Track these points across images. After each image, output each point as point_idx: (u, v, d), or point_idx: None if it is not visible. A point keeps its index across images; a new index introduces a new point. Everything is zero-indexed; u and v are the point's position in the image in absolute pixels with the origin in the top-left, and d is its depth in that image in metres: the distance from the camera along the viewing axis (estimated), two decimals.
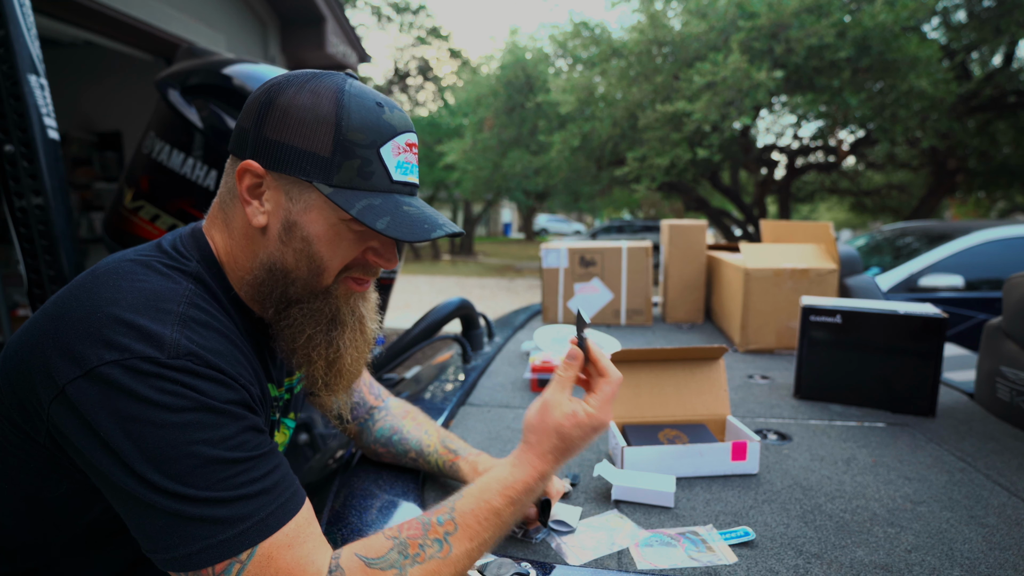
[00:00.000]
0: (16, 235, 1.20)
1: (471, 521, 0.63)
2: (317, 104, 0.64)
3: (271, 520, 0.58)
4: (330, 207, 0.65)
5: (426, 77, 18.23)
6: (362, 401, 1.01)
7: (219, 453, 0.56)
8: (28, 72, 1.08)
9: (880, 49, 6.69)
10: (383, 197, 0.66)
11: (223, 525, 0.55)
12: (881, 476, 1.00)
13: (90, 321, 0.57)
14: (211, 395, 0.58)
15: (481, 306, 1.89)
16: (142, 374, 0.55)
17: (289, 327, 0.70)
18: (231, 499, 0.56)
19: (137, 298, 0.59)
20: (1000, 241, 3.86)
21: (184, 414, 0.56)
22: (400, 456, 0.98)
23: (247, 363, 0.66)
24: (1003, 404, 1.29)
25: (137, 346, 0.56)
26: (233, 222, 0.70)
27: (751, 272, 1.86)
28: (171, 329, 0.58)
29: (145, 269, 0.64)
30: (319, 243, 0.67)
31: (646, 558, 0.76)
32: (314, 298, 0.69)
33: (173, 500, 0.55)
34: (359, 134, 0.64)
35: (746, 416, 1.30)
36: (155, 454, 0.55)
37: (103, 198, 5.10)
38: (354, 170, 0.64)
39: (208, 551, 0.55)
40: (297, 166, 0.64)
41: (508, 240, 30.51)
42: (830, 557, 0.76)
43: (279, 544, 0.58)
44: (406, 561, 0.59)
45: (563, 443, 0.68)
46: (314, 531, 0.61)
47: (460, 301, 1.71)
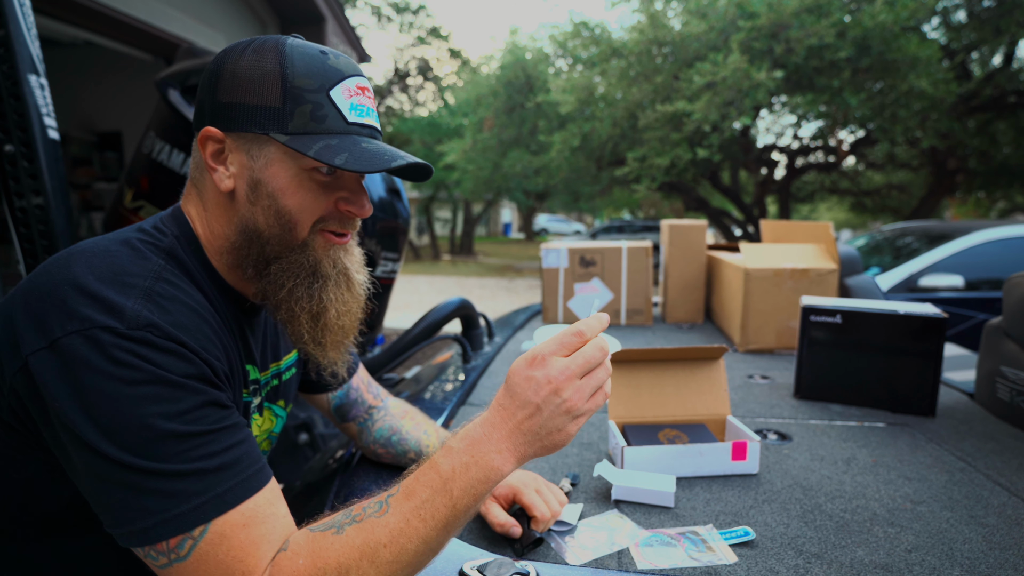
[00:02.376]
0: (16, 235, 1.20)
1: (411, 479, 0.60)
2: (261, 61, 0.65)
3: (228, 496, 0.57)
4: (290, 156, 0.66)
5: (426, 77, 18.22)
6: (360, 400, 1.01)
7: (175, 426, 0.56)
8: (28, 72, 1.08)
9: (880, 49, 6.69)
10: (340, 138, 0.66)
11: (177, 499, 0.55)
12: (881, 476, 1.00)
13: (56, 292, 0.58)
14: (168, 368, 0.57)
15: (481, 306, 1.89)
16: (100, 344, 0.55)
17: (271, 284, 0.70)
18: (186, 472, 0.55)
19: (105, 272, 0.60)
20: (1000, 241, 3.86)
21: (140, 387, 0.55)
22: (400, 457, 0.98)
23: (216, 339, 0.65)
24: (1003, 404, 1.30)
25: (98, 316, 0.56)
26: (206, 194, 0.71)
27: (751, 272, 1.86)
28: (133, 301, 0.58)
29: (119, 246, 0.64)
30: (284, 196, 0.67)
31: (646, 558, 0.76)
32: (291, 252, 0.69)
33: (127, 472, 0.54)
34: (306, 80, 0.65)
35: (746, 416, 1.30)
36: (109, 425, 0.54)
37: (103, 198, 5.10)
38: (307, 115, 0.65)
39: (161, 526, 0.54)
40: (252, 121, 0.65)
41: (508, 240, 30.51)
42: (830, 557, 0.76)
43: (234, 522, 0.56)
44: (346, 521, 0.58)
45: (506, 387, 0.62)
46: (276, 511, 0.60)
47: (460, 301, 1.71)
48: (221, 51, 0.69)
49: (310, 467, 1.36)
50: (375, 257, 1.71)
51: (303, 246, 0.70)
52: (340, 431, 1.07)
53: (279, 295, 0.70)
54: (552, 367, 0.60)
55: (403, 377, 1.78)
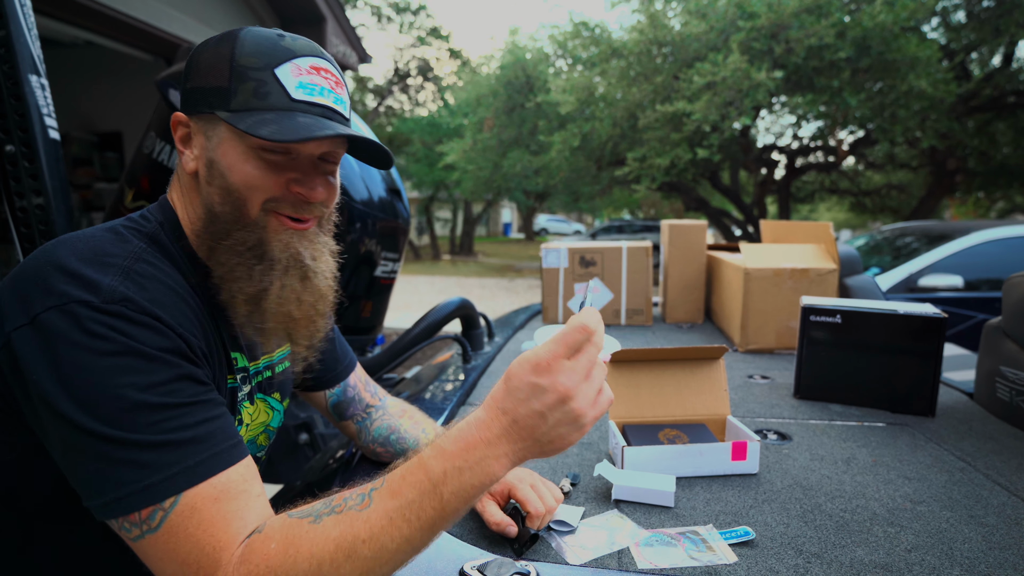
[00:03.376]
0: (17, 235, 1.20)
1: (397, 477, 0.56)
2: (219, 46, 0.68)
3: (200, 469, 0.56)
4: (235, 135, 0.67)
5: (426, 77, 18.22)
6: (358, 399, 1.01)
7: (147, 398, 0.56)
8: (29, 72, 1.08)
9: (880, 49, 6.70)
10: (278, 113, 0.66)
11: (149, 470, 0.55)
12: (881, 476, 1.00)
13: (40, 273, 0.60)
14: (142, 340, 0.58)
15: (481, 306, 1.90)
16: (75, 317, 0.56)
17: (215, 263, 0.70)
18: (158, 443, 0.55)
19: (86, 253, 0.62)
20: (999, 241, 3.87)
21: (113, 358, 0.56)
22: (398, 456, 0.97)
23: (195, 318, 0.66)
24: (1003, 404, 1.30)
25: (75, 292, 0.58)
26: (183, 178, 0.73)
27: (751, 272, 1.86)
28: (110, 278, 0.60)
29: (103, 232, 0.66)
30: (232, 174, 0.67)
31: (646, 558, 0.76)
32: (239, 231, 0.69)
33: (100, 443, 0.55)
34: (252, 59, 0.67)
35: (746, 416, 1.31)
36: (83, 396, 0.55)
37: (104, 198, 5.10)
38: (249, 92, 0.66)
39: (133, 496, 0.54)
40: (204, 102, 0.68)
41: (508, 240, 30.51)
42: (830, 556, 0.76)
43: (205, 495, 0.56)
44: (325, 511, 0.56)
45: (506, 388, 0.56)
46: (249, 488, 0.59)
47: (460, 301, 1.71)
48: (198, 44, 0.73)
49: (310, 467, 1.37)
50: (375, 257, 1.71)
51: (252, 225, 0.69)
52: (340, 431, 1.07)
53: (220, 273, 0.69)
54: (560, 373, 0.55)
55: (403, 377, 1.78)
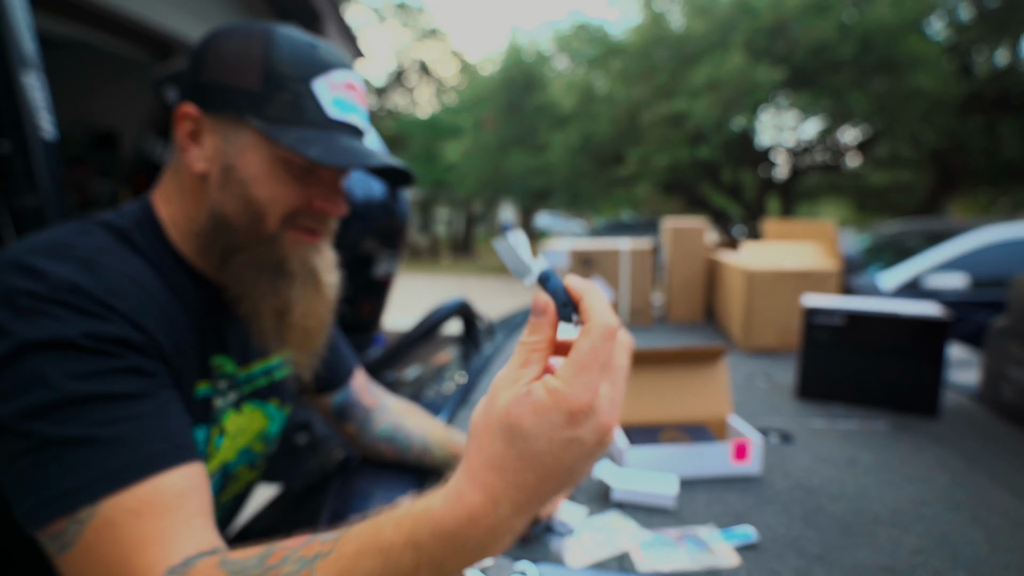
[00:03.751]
0: (13, 234, 1.19)
1: (350, 550, 0.41)
2: (248, 43, 0.64)
3: (124, 473, 0.48)
4: (265, 144, 0.63)
5: (426, 76, 18.22)
6: (358, 402, 1.00)
7: (80, 387, 0.50)
8: (24, 70, 1.07)
9: (883, 48, 6.68)
10: (318, 131, 0.64)
11: (66, 471, 0.47)
12: (884, 477, 0.99)
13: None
14: (82, 328, 0.53)
15: (481, 306, 1.89)
16: (16, 307, 0.52)
17: (233, 276, 0.67)
18: (81, 439, 0.48)
19: (45, 246, 0.58)
20: (1003, 241, 3.85)
21: (48, 349, 0.51)
22: (404, 452, 0.97)
23: (163, 316, 0.61)
24: (1007, 405, 1.29)
25: (21, 283, 0.54)
26: (181, 176, 0.68)
27: (753, 272, 1.85)
28: (61, 268, 0.55)
29: (70, 226, 0.63)
30: (256, 185, 0.64)
31: (647, 560, 0.75)
32: (258, 245, 0.66)
33: (23, 439, 0.49)
34: (289, 67, 0.63)
35: (748, 416, 1.30)
36: (9, 387, 0.50)
37: (99, 197, 5.09)
38: (286, 103, 0.63)
39: (47, 504, 0.47)
40: (230, 103, 0.63)
41: None
42: (833, 559, 0.75)
43: (126, 508, 0.47)
44: (257, 571, 0.44)
45: (515, 446, 0.37)
46: (185, 504, 0.50)
47: (460, 301, 1.70)
48: (210, 32, 0.67)
49: (308, 468, 1.36)
50: (375, 257, 1.70)
51: (271, 239, 0.66)
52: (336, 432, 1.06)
53: (242, 288, 0.67)
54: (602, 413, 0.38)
55: (403, 377, 1.77)
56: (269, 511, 1.15)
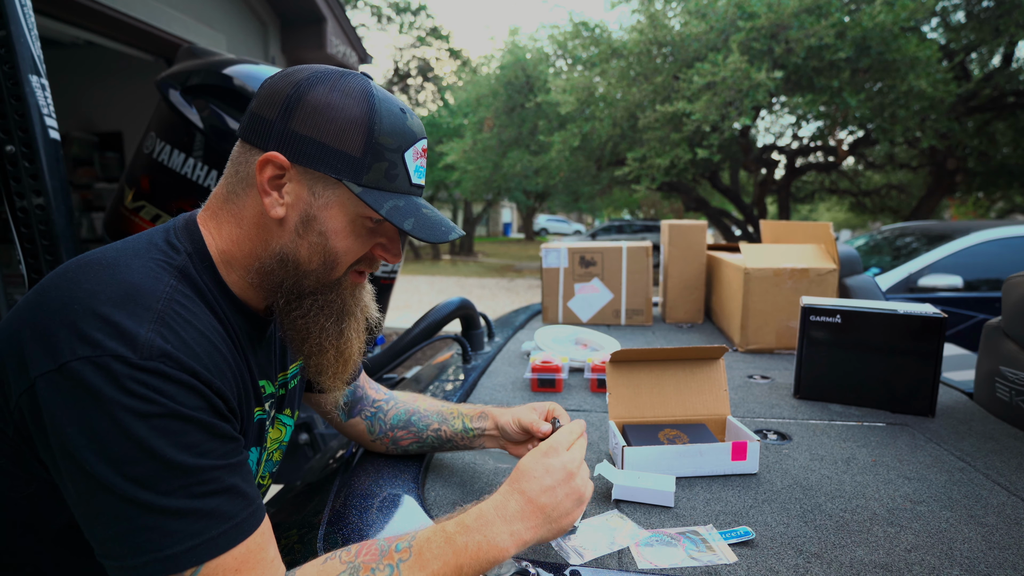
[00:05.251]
0: (17, 235, 1.20)
1: (425, 549, 0.61)
2: (348, 105, 0.66)
3: (222, 540, 0.56)
4: (353, 203, 0.68)
5: (426, 77, 18.22)
6: (364, 396, 1.02)
7: (183, 459, 0.55)
8: (29, 72, 1.08)
9: (879, 49, 6.70)
10: (404, 199, 0.70)
11: (172, 538, 0.54)
12: (881, 476, 1.00)
13: (67, 311, 0.56)
14: (181, 401, 0.56)
15: (481, 306, 1.90)
16: (112, 373, 0.54)
17: (303, 317, 0.71)
18: (185, 511, 0.55)
19: (116, 291, 0.58)
20: (999, 241, 3.87)
21: (152, 419, 0.54)
22: (421, 432, 1.00)
23: (227, 364, 0.64)
24: (1002, 404, 1.30)
25: (110, 343, 0.54)
26: (244, 211, 0.69)
27: (751, 272, 1.86)
28: (146, 328, 0.56)
29: (130, 260, 0.62)
30: (336, 238, 0.69)
31: (646, 557, 0.76)
32: (327, 290, 0.72)
33: (127, 505, 0.53)
34: (389, 139, 0.67)
35: (746, 416, 1.31)
36: (116, 455, 0.53)
37: (104, 198, 5.10)
38: (382, 172, 0.68)
39: (154, 564, 0.54)
40: (327, 163, 0.66)
41: (508, 240, 30.51)
42: (830, 556, 0.76)
43: (226, 567, 0.56)
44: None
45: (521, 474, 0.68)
46: (266, 555, 0.60)
47: (460, 301, 1.71)
48: (303, 74, 0.68)
49: (310, 467, 1.37)
50: None
51: (336, 284, 0.72)
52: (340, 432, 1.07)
53: (311, 330, 0.72)
54: (565, 456, 0.70)
55: (403, 377, 1.78)
56: (270, 510, 1.15)
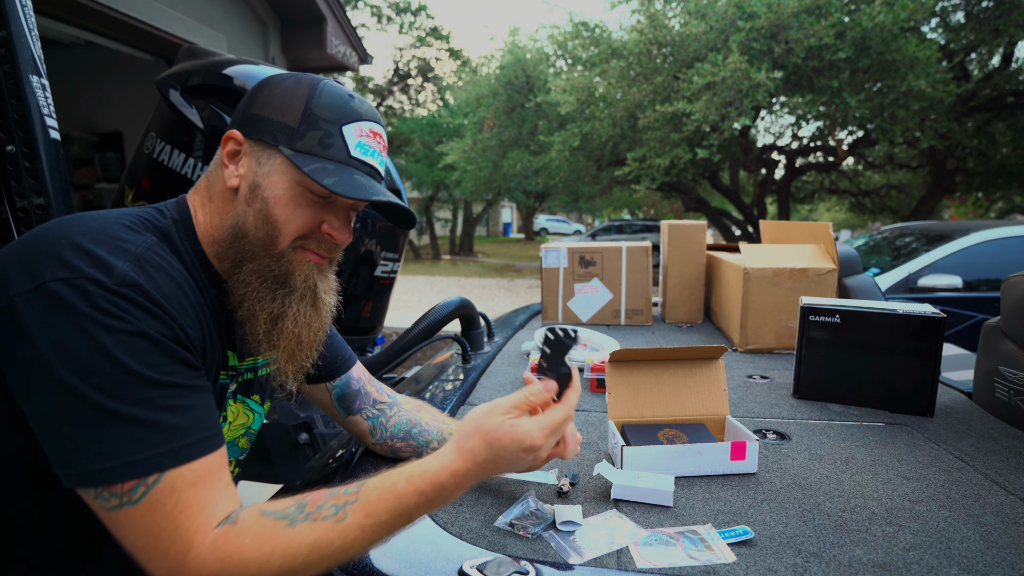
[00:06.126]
0: (17, 235, 1.20)
1: (372, 497, 0.64)
2: (296, 88, 0.75)
3: (183, 452, 0.61)
4: (290, 169, 0.73)
5: (426, 77, 18.23)
6: (364, 392, 1.01)
7: (148, 373, 0.60)
8: (30, 72, 1.08)
9: (879, 50, 6.70)
10: (337, 165, 0.74)
11: (137, 445, 0.58)
12: (879, 475, 1.00)
13: (53, 244, 0.62)
14: (148, 324, 0.61)
15: (481, 306, 1.90)
16: (86, 292, 0.59)
17: (241, 281, 0.76)
18: (150, 421, 0.59)
19: (101, 235, 0.65)
20: (998, 241, 3.87)
21: (119, 335, 0.59)
22: (420, 447, 1.00)
23: (194, 313, 0.70)
24: (1001, 404, 1.30)
25: (87, 269, 0.60)
26: (215, 187, 0.78)
27: (750, 272, 1.86)
28: (123, 262, 0.63)
29: (118, 216, 0.69)
30: (276, 204, 0.74)
31: (645, 557, 0.76)
32: (266, 258, 0.75)
33: (96, 412, 0.58)
34: (326, 111, 0.74)
35: (745, 416, 1.31)
36: (85, 366, 0.58)
37: (104, 198, 5.10)
38: (316, 140, 0.74)
39: (120, 468, 0.58)
40: (268, 132, 0.74)
41: (508, 240, 30.51)
42: (829, 556, 0.76)
43: (185, 479, 0.60)
44: (300, 515, 0.62)
45: (490, 451, 0.68)
46: (223, 478, 0.64)
47: (460, 301, 1.71)
48: (269, 76, 0.79)
49: (310, 466, 1.37)
50: (375, 257, 1.71)
51: (279, 255, 0.75)
52: (344, 429, 1.07)
53: (243, 291, 0.75)
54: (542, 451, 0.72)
55: (403, 377, 1.78)
56: None
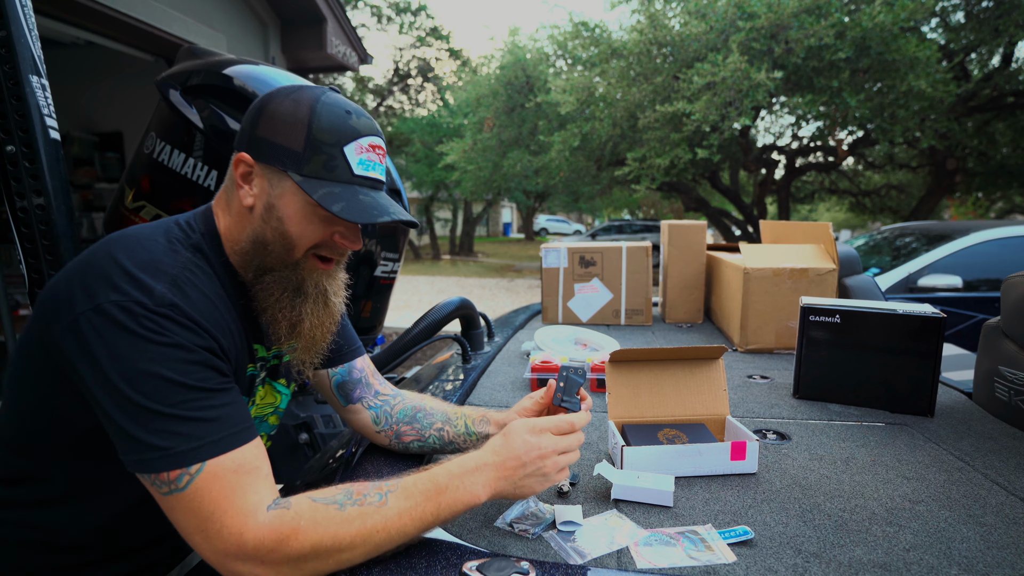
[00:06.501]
0: (17, 235, 1.20)
1: (410, 483, 0.74)
2: (296, 110, 0.80)
3: (222, 444, 0.69)
4: (300, 193, 0.80)
5: (426, 77, 18.23)
6: (365, 382, 1.07)
7: (184, 380, 0.69)
8: (30, 73, 1.08)
9: (879, 50, 6.70)
10: (343, 187, 0.81)
11: (179, 439, 0.67)
12: (880, 475, 1.00)
13: (106, 269, 0.73)
14: (183, 338, 0.71)
15: (481, 306, 1.90)
16: (132, 312, 0.69)
17: (262, 290, 0.85)
18: (188, 418, 0.68)
19: (143, 259, 0.74)
20: (998, 241, 3.87)
21: (159, 347, 0.69)
22: (425, 429, 1.04)
23: (225, 324, 0.79)
24: (1001, 404, 1.30)
25: (134, 292, 0.71)
26: (232, 203, 0.85)
27: (750, 272, 1.86)
28: (161, 285, 0.73)
29: (157, 239, 0.79)
30: (290, 223, 0.81)
31: (645, 557, 0.76)
32: (284, 268, 0.84)
33: (140, 412, 0.67)
34: (327, 134, 0.79)
35: (745, 416, 1.31)
36: (131, 375, 0.68)
37: (104, 198, 5.10)
38: (320, 164, 0.80)
39: (164, 459, 0.67)
40: (277, 158, 0.80)
41: (508, 240, 30.51)
42: (829, 556, 0.76)
43: (226, 466, 0.68)
44: (348, 501, 0.70)
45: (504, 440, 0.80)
46: (262, 467, 0.72)
47: (460, 301, 1.71)
48: (270, 91, 0.84)
49: (310, 466, 1.37)
50: (375, 257, 1.71)
51: (294, 265, 0.84)
52: (346, 423, 1.09)
53: (268, 301, 0.85)
54: (546, 440, 0.80)
55: (403, 377, 1.78)
56: None
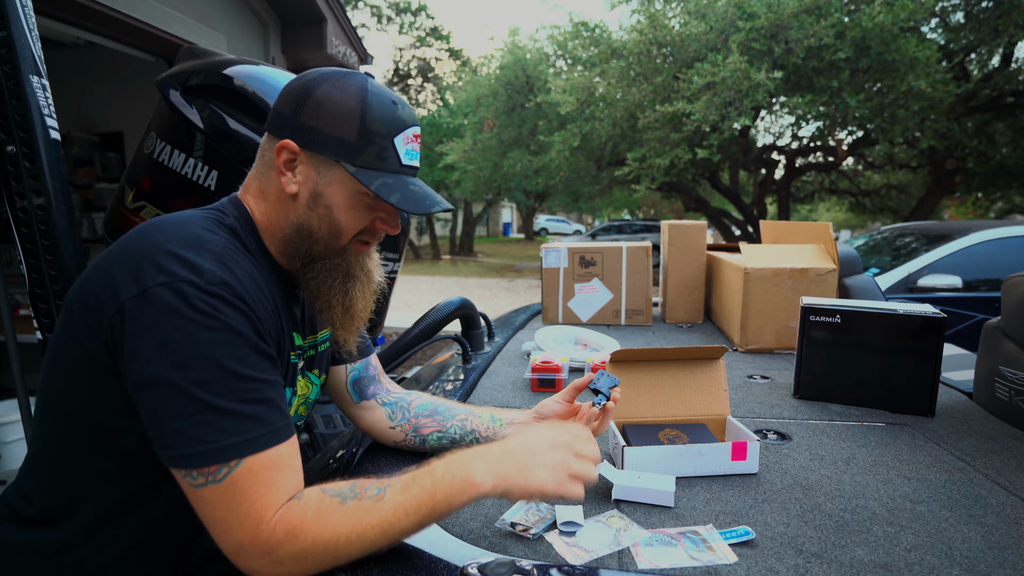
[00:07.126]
0: (18, 235, 1.20)
1: (408, 478, 0.73)
2: (345, 99, 0.79)
3: (261, 441, 0.69)
4: (351, 181, 0.81)
5: (426, 77, 18.23)
6: (379, 379, 1.09)
7: (236, 367, 0.68)
8: (30, 73, 1.08)
9: (879, 50, 6.70)
10: (394, 177, 0.82)
11: (222, 433, 0.66)
12: (880, 475, 1.00)
13: (149, 252, 0.70)
14: (236, 321, 0.69)
15: (481, 306, 1.90)
16: (184, 294, 0.67)
17: (314, 279, 0.85)
18: (234, 411, 0.67)
19: (185, 238, 0.73)
20: (998, 241, 3.87)
21: (213, 332, 0.67)
22: (446, 421, 1.05)
23: (268, 304, 0.78)
24: (1002, 404, 1.30)
25: (183, 272, 0.68)
26: (268, 189, 0.84)
27: (751, 272, 1.86)
28: (209, 262, 0.71)
29: (192, 218, 0.78)
30: (339, 211, 0.82)
31: (647, 557, 0.76)
32: (333, 255, 0.85)
33: (190, 401, 0.66)
34: (379, 126, 0.80)
35: (746, 416, 1.31)
36: (182, 361, 0.66)
37: (104, 198, 5.09)
38: (373, 154, 0.80)
39: (207, 454, 0.66)
40: (328, 148, 0.80)
41: (508, 240, 30.52)
42: (830, 556, 0.76)
43: (262, 464, 0.68)
44: (350, 495, 0.71)
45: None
46: (293, 463, 0.72)
47: (460, 301, 1.71)
48: (311, 76, 0.82)
49: (310, 467, 1.37)
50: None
51: (342, 251, 0.85)
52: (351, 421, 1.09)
53: (320, 289, 0.85)
54: (563, 434, 0.79)
55: (404, 377, 1.78)
56: None
